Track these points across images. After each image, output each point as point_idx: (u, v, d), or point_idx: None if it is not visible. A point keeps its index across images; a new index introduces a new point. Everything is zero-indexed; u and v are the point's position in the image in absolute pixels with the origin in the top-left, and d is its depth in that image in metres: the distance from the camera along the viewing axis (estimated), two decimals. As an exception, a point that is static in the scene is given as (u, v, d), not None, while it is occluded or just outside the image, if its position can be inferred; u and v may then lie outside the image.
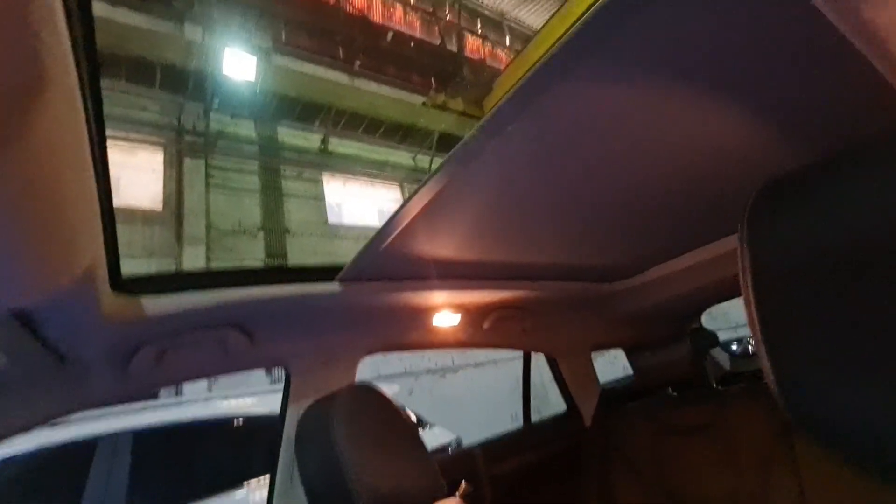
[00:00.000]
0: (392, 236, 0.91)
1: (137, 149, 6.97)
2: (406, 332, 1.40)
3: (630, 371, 2.02)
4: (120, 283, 0.78)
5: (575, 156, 0.76)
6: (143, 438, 2.54)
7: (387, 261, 1.02)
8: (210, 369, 1.12)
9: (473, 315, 1.47)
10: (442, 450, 3.09)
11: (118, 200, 5.20)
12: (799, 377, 0.34)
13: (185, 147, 7.18)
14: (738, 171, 0.85)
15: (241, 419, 2.87)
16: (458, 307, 1.38)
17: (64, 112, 0.40)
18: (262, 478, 2.57)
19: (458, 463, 1.69)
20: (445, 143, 10.22)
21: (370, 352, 1.38)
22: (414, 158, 10.23)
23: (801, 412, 0.34)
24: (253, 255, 7.31)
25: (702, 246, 1.37)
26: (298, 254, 7.76)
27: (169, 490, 2.48)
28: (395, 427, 0.90)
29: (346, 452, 0.78)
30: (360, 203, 9.39)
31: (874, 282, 0.31)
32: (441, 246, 1.02)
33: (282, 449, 1.27)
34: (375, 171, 9.49)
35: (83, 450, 2.38)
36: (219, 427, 2.83)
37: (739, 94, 0.64)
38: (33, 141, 0.37)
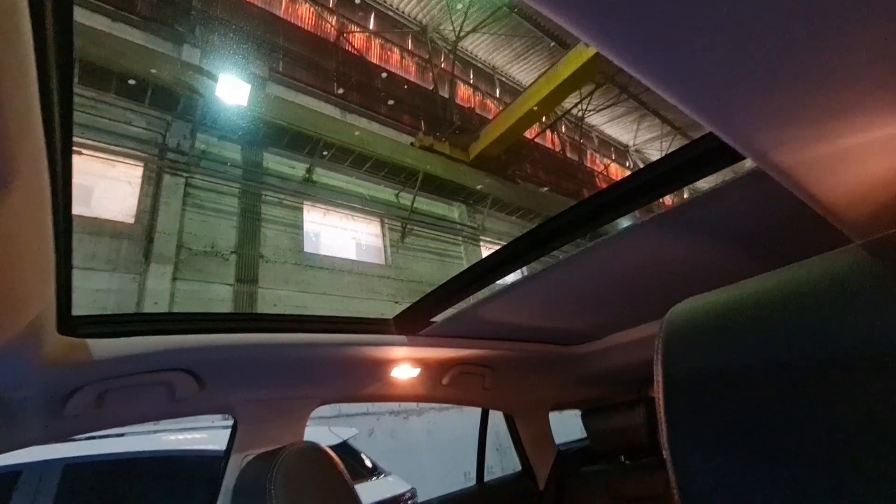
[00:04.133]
0: None
1: (117, 161, 6.86)
2: (362, 384, 1.38)
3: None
4: (68, 326, 0.77)
5: None
6: (74, 471, 2.37)
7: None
8: (154, 413, 1.08)
9: (433, 370, 1.47)
10: (395, 500, 2.98)
11: (88, 210, 5.02)
12: (694, 473, 0.38)
13: (167, 165, 7.11)
14: (678, 270, 0.94)
15: (184, 455, 2.72)
16: (418, 361, 1.38)
17: (25, 148, 0.38)
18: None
19: None
20: (429, 183, 10.43)
21: (324, 402, 1.36)
22: (397, 195, 10.36)
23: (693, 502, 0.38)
24: (222, 278, 7.14)
25: (656, 319, 1.43)
26: (269, 281, 7.62)
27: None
28: (334, 489, 0.88)
29: None
30: (338, 235, 9.37)
31: (764, 399, 0.36)
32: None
33: (220, 496, 1.22)
34: (357, 204, 9.54)
35: (4, 479, 2.20)
36: (161, 462, 2.67)
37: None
38: None
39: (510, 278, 1.15)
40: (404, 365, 1.36)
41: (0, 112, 0.33)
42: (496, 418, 2.07)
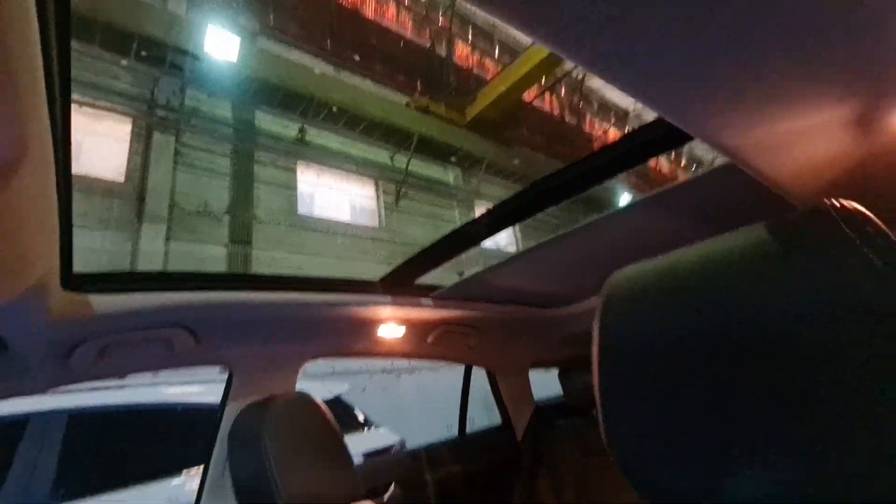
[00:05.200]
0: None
1: (104, 117, 6.72)
2: (350, 341, 1.47)
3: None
4: (71, 281, 0.82)
5: None
6: (78, 420, 2.49)
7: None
8: (153, 365, 1.16)
9: (418, 329, 1.55)
10: (385, 451, 3.15)
11: (78, 167, 4.96)
12: (624, 439, 0.41)
13: (156, 122, 6.97)
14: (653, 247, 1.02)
15: (184, 407, 2.85)
16: (403, 321, 1.46)
17: (28, 109, 0.40)
18: (200, 467, 2.57)
19: (395, 466, 1.77)
20: (425, 145, 10.31)
21: (314, 357, 1.45)
22: (392, 158, 10.25)
23: (625, 466, 0.41)
24: (216, 239, 7.16)
25: None
26: (263, 242, 7.65)
27: (102, 475, 2.44)
28: (323, 436, 0.97)
29: (272, 457, 0.85)
30: (332, 197, 9.33)
31: (691, 369, 0.38)
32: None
33: (216, 444, 1.32)
34: (352, 166, 9.46)
35: (11, 428, 2.32)
36: (161, 413, 2.80)
37: None
38: None
39: (493, 243, 1.23)
40: (390, 323, 1.44)
41: (14, 95, 0.36)
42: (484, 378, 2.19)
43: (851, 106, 0.64)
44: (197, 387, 3.06)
